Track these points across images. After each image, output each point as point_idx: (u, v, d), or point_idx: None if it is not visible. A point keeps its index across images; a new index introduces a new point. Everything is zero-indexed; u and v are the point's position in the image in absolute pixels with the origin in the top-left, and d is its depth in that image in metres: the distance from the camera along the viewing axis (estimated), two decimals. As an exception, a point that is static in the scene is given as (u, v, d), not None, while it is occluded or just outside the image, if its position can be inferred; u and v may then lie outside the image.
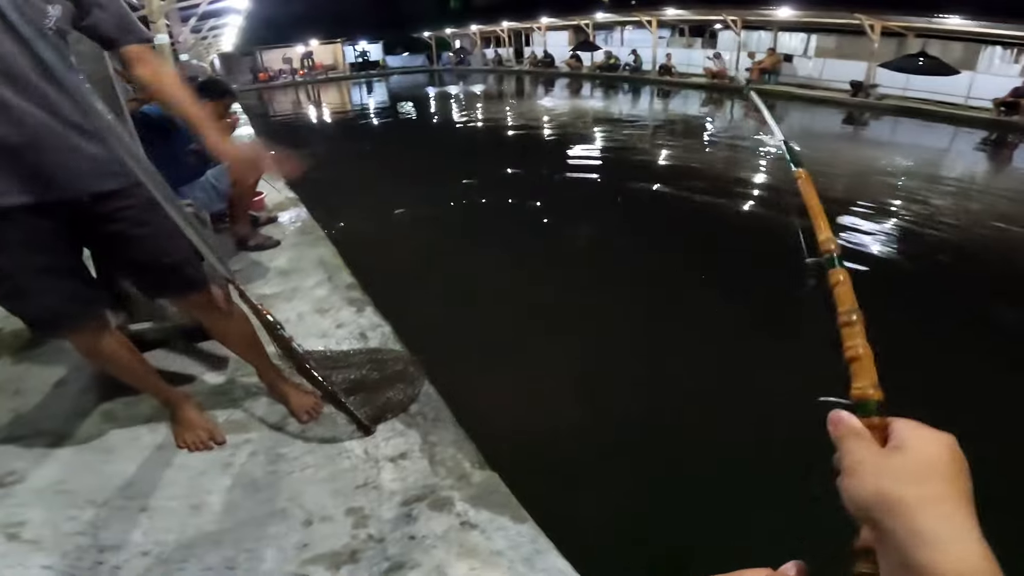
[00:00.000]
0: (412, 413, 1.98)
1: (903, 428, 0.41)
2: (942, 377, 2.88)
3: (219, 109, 3.35)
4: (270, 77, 28.99)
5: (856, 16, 13.50)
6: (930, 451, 0.39)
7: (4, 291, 1.48)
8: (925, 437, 0.40)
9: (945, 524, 0.35)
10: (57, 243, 1.46)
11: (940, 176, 7.45)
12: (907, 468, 0.38)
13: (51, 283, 1.48)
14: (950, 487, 0.37)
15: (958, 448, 0.39)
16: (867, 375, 0.45)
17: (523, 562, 1.43)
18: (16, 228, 1.38)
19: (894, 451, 0.40)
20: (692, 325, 3.45)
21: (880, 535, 0.37)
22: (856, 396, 0.44)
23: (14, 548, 1.52)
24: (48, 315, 1.53)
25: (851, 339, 0.48)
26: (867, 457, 0.40)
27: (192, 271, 1.68)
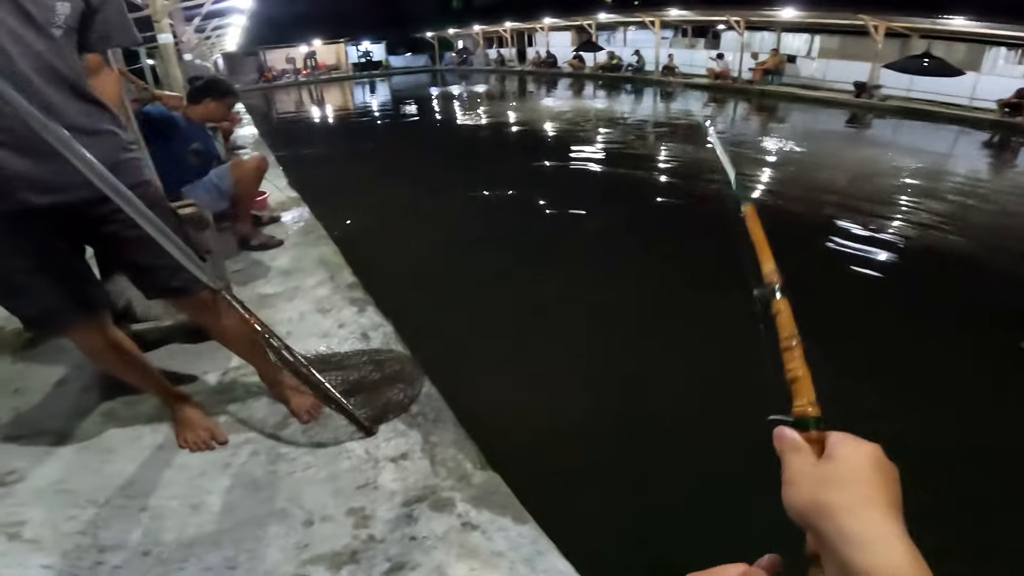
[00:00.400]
0: (413, 413, 1.97)
1: (834, 440, 0.45)
2: (939, 375, 2.88)
3: (222, 109, 3.36)
4: (273, 77, 29.05)
5: (860, 17, 13.47)
6: (856, 460, 0.42)
7: (1, 290, 1.48)
8: (852, 447, 0.43)
9: (870, 526, 0.38)
10: (54, 243, 1.46)
11: (943, 177, 7.42)
12: (835, 476, 0.42)
13: (48, 282, 1.47)
14: (874, 491, 0.40)
15: (883, 456, 0.43)
16: (805, 394, 0.49)
17: (524, 563, 1.42)
18: (14, 227, 1.37)
19: (825, 461, 0.43)
20: (694, 324, 3.43)
21: (819, 539, 0.40)
22: (796, 414, 0.49)
23: (14, 547, 1.51)
24: (44, 314, 1.52)
25: (791, 362, 0.52)
26: (803, 468, 0.44)
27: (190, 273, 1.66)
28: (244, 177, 3.31)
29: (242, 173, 3.31)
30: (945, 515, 1.98)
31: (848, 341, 3.20)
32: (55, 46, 1.31)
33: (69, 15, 1.31)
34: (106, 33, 1.42)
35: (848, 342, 3.19)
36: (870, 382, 2.81)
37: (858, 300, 3.91)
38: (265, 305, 2.75)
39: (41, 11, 1.27)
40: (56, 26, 1.30)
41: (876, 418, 2.49)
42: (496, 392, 2.78)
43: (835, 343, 3.20)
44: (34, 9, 1.25)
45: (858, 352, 3.14)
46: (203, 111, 3.30)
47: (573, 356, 3.20)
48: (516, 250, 4.92)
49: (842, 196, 6.29)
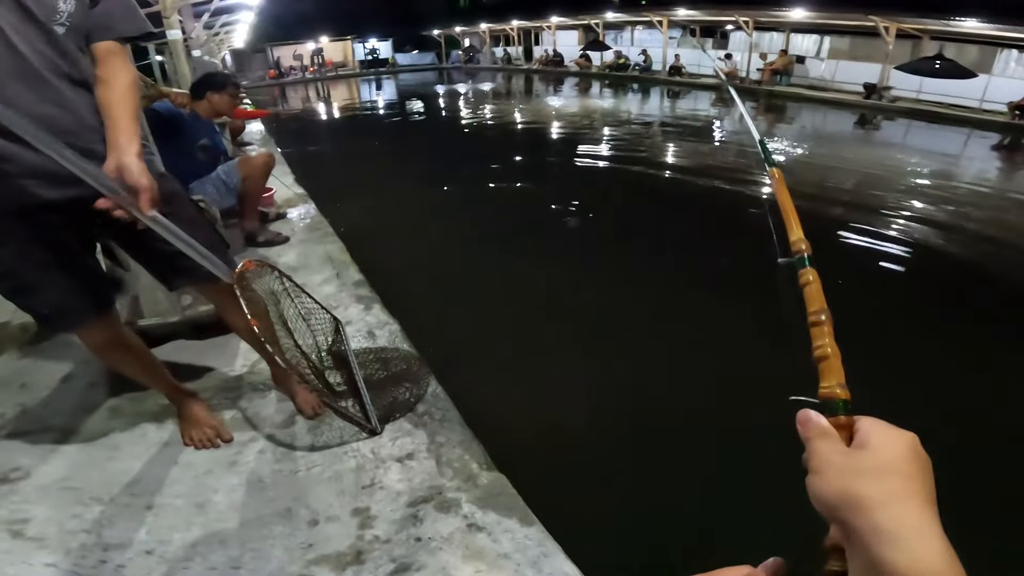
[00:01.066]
0: (419, 412, 1.96)
1: (867, 427, 0.42)
2: (941, 376, 2.85)
3: (225, 100, 3.33)
4: (280, 74, 29.11)
5: (871, 18, 13.38)
6: (892, 450, 0.39)
7: (11, 286, 1.47)
8: (887, 436, 0.40)
9: (906, 522, 0.35)
10: (65, 239, 1.45)
11: (952, 180, 7.35)
12: (869, 467, 0.39)
13: (59, 279, 1.47)
14: (911, 484, 0.37)
15: (920, 446, 0.40)
16: (834, 374, 0.46)
17: (530, 565, 1.41)
18: (28, 223, 1.37)
19: (857, 450, 0.40)
20: (701, 324, 3.42)
21: (846, 533, 0.38)
22: (824, 395, 0.45)
23: (18, 545, 1.51)
24: (55, 310, 1.52)
25: (819, 339, 0.48)
26: (832, 457, 0.40)
27: (218, 256, 1.65)
28: (252, 173, 3.31)
29: (250, 169, 3.30)
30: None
31: (856, 340, 3.16)
32: (59, 43, 1.30)
33: (73, 11, 1.30)
34: (108, 24, 1.40)
35: (856, 341, 3.16)
36: (875, 382, 2.78)
37: (865, 300, 3.88)
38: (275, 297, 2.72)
39: (42, 8, 1.26)
40: (59, 23, 1.29)
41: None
42: (502, 392, 2.76)
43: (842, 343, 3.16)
44: (34, 6, 1.24)
45: (862, 351, 3.11)
46: (208, 105, 3.30)
47: (580, 356, 3.18)
48: (523, 249, 4.90)
49: (850, 197, 6.25)
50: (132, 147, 1.30)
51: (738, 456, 2.26)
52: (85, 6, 1.34)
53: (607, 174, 7.70)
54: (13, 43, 1.23)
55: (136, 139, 1.33)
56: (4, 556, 1.47)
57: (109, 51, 1.39)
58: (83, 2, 1.33)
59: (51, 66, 1.29)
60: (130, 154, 1.28)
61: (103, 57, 1.38)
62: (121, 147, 1.29)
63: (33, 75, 1.27)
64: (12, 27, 1.22)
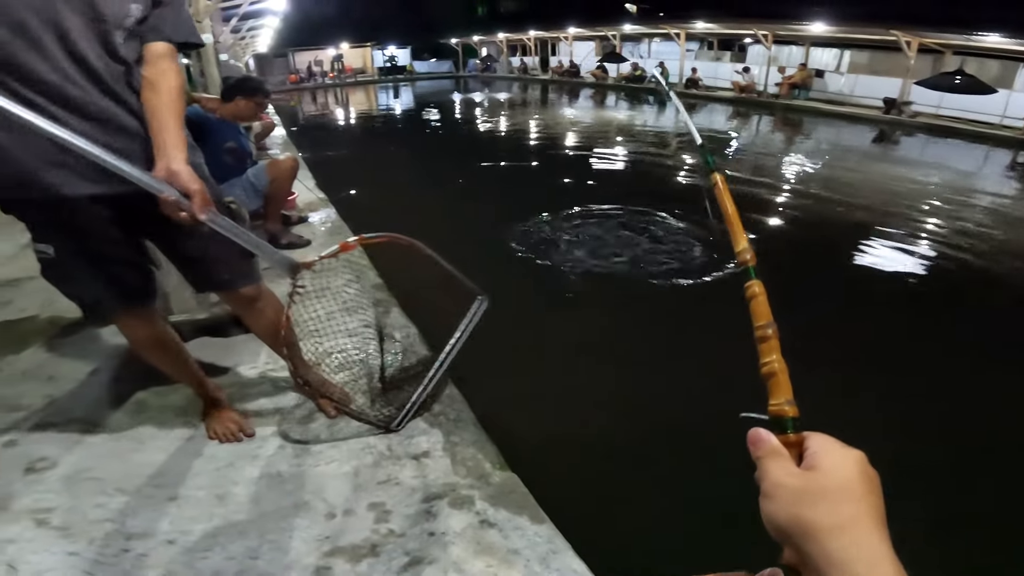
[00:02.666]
0: (435, 413, 2.01)
1: (816, 446, 0.41)
2: (956, 391, 2.84)
3: (251, 107, 3.41)
4: (300, 79, 29.54)
5: (892, 32, 13.30)
6: (841, 471, 0.39)
7: (61, 274, 1.53)
8: (836, 456, 0.40)
9: (858, 549, 0.35)
10: (115, 231, 1.50)
11: (968, 197, 7.27)
12: (820, 490, 0.38)
13: (106, 269, 1.52)
14: (861, 507, 0.37)
15: (868, 465, 0.39)
16: (783, 391, 0.45)
17: (539, 561, 1.44)
18: (79, 215, 1.42)
19: (808, 473, 0.39)
20: (710, 327, 3.43)
21: (801, 559, 0.37)
22: (773, 413, 0.44)
23: (41, 534, 1.55)
24: (100, 299, 1.57)
25: (767, 354, 0.47)
26: (783, 480, 0.40)
27: (244, 266, 1.71)
28: (279, 176, 3.38)
29: (278, 172, 3.38)
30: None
31: (870, 355, 3.17)
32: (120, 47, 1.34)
33: (140, 16, 1.35)
34: (161, 26, 1.42)
35: (869, 356, 3.17)
36: (887, 396, 2.79)
37: (881, 318, 3.86)
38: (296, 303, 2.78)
39: (113, 10, 1.30)
40: (125, 28, 1.34)
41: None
42: (515, 394, 2.80)
43: (856, 356, 3.18)
44: (106, 8, 1.29)
45: (875, 366, 3.11)
46: (234, 109, 3.36)
47: (592, 361, 3.21)
48: (538, 254, 4.94)
49: (868, 214, 6.21)
50: (180, 152, 1.34)
51: (747, 461, 2.28)
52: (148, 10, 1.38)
53: (624, 184, 7.73)
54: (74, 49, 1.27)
55: (183, 144, 1.37)
56: (28, 544, 1.51)
57: (160, 53, 1.41)
58: (148, 7, 1.37)
59: (111, 71, 1.34)
60: (179, 160, 1.32)
61: (153, 58, 1.40)
62: (169, 153, 1.32)
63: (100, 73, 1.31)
64: (76, 31, 1.27)
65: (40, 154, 1.31)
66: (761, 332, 0.48)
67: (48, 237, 1.46)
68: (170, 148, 1.33)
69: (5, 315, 2.84)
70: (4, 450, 1.87)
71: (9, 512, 1.61)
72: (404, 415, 1.92)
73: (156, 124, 1.35)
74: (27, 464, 1.80)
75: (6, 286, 3.19)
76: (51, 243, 1.46)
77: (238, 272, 1.70)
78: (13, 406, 2.10)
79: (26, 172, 1.33)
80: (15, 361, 2.41)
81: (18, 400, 2.13)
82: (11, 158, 1.32)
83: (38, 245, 1.48)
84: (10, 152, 1.31)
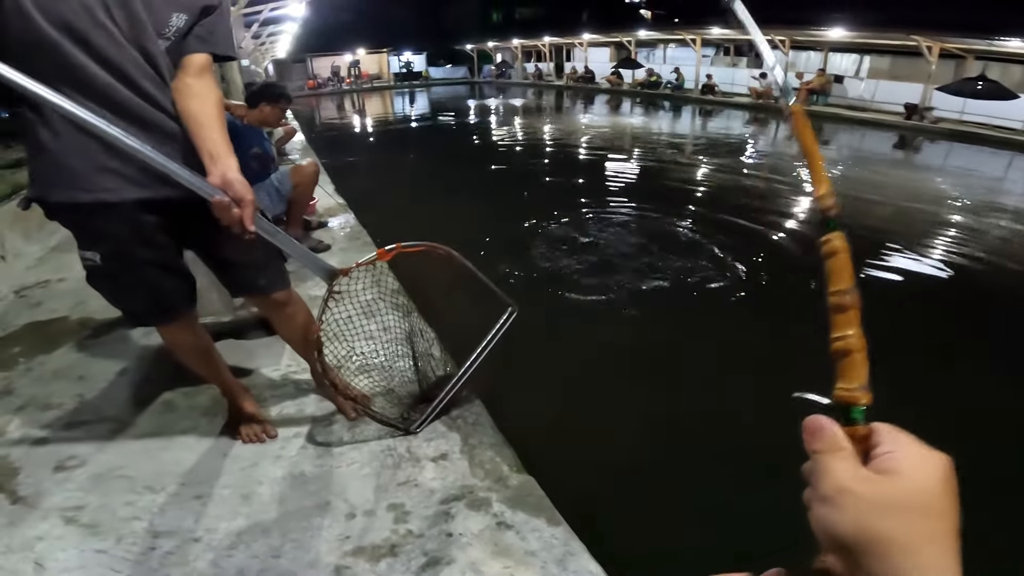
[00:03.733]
0: (453, 416, 2.03)
1: (892, 443, 0.35)
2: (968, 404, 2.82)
3: (276, 113, 3.47)
4: (318, 85, 29.92)
5: (913, 37, 13.16)
6: (924, 479, 0.33)
7: (109, 282, 1.55)
8: (919, 461, 0.34)
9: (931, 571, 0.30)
10: (161, 237, 1.53)
11: (992, 204, 7.16)
12: (898, 501, 0.32)
13: (152, 276, 1.55)
14: (942, 524, 0.32)
15: (952, 474, 0.33)
16: (857, 374, 0.38)
17: (556, 563, 1.46)
18: (126, 221, 1.44)
19: (883, 477, 0.33)
20: (730, 336, 3.43)
21: (852, 570, 0.32)
22: (841, 398, 0.37)
23: (71, 531, 1.59)
24: (147, 308, 1.61)
25: (843, 327, 0.39)
26: (850, 484, 0.33)
27: (278, 271, 1.76)
28: (303, 181, 3.44)
29: (301, 177, 3.44)
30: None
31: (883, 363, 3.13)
32: (161, 56, 1.39)
33: (182, 27, 1.40)
34: (209, 39, 1.46)
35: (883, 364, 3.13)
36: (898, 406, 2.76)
37: (899, 326, 3.83)
38: (314, 306, 2.82)
39: (156, 20, 1.35)
40: (165, 37, 1.38)
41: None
42: (533, 399, 2.82)
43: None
44: (148, 17, 1.34)
45: (887, 374, 3.08)
46: (258, 115, 3.42)
47: (611, 368, 3.23)
48: (555, 258, 4.96)
49: (888, 221, 6.15)
50: (232, 161, 1.39)
51: (765, 463, 2.28)
52: (191, 24, 1.42)
53: (641, 191, 7.74)
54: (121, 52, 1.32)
55: (232, 153, 1.41)
56: (57, 542, 1.54)
57: (204, 66, 1.46)
58: (190, 22, 1.42)
59: (150, 75, 1.38)
60: (233, 169, 1.37)
61: (198, 70, 1.44)
62: (224, 161, 1.37)
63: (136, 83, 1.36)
64: (122, 35, 1.32)
65: (88, 158, 1.36)
66: (838, 299, 0.40)
67: (95, 244, 1.48)
68: (224, 157, 1.38)
69: (35, 316, 2.93)
70: (34, 448, 1.93)
71: (39, 510, 1.66)
72: (425, 418, 1.95)
73: (206, 133, 1.39)
74: (57, 462, 1.85)
75: (36, 288, 3.29)
76: (97, 250, 1.48)
77: (272, 277, 1.75)
78: (44, 405, 2.16)
79: (74, 177, 1.37)
80: (46, 361, 2.48)
81: (49, 399, 2.20)
82: (59, 163, 1.36)
83: (84, 252, 1.49)
84: (58, 157, 1.35)
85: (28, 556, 1.50)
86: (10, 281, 3.38)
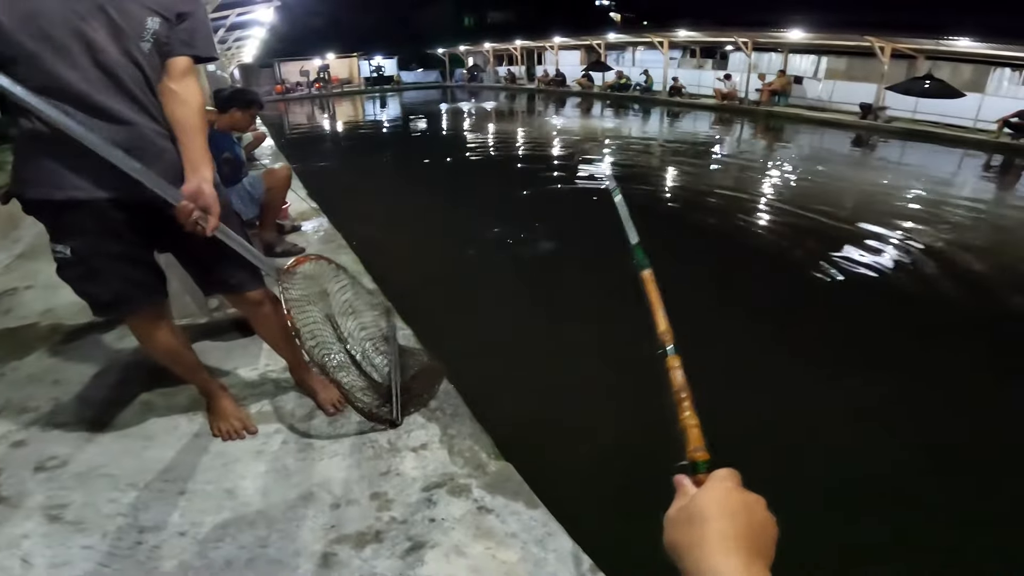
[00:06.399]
0: (432, 408, 2.09)
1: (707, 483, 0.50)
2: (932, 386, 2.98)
3: (246, 118, 3.48)
4: (286, 89, 29.52)
5: (867, 38, 13.62)
6: (701, 500, 0.47)
7: (78, 273, 1.59)
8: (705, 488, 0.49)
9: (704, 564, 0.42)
10: (130, 233, 1.57)
11: (943, 200, 7.49)
12: (684, 517, 0.47)
13: (120, 268, 1.59)
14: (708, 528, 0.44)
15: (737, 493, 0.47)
16: (697, 440, 0.57)
17: (535, 543, 1.53)
18: (97, 217, 1.49)
19: (682, 504, 0.48)
20: (702, 325, 3.55)
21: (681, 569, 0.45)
22: (690, 458, 0.56)
23: (56, 529, 1.60)
24: (113, 298, 1.63)
25: (683, 412, 0.60)
26: (669, 511, 0.50)
27: (248, 271, 1.80)
28: (275, 185, 3.45)
29: (273, 181, 3.45)
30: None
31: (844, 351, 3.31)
32: (144, 58, 1.43)
33: (157, 30, 1.44)
34: (191, 41, 1.50)
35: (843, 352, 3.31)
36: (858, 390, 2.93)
37: (856, 319, 4.01)
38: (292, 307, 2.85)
39: (131, 25, 1.39)
40: (145, 40, 1.42)
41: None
42: (507, 389, 2.91)
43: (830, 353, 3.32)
44: (123, 22, 1.38)
45: (858, 364, 3.25)
46: (229, 120, 3.41)
47: (580, 355, 3.34)
48: (523, 257, 5.07)
49: (845, 217, 6.39)
50: (208, 172, 1.46)
51: (737, 450, 2.39)
52: (171, 25, 1.46)
53: (600, 191, 7.87)
54: (100, 58, 1.37)
55: (210, 163, 1.48)
56: (42, 540, 1.55)
57: (187, 69, 1.50)
58: (169, 22, 1.46)
59: (131, 79, 1.43)
60: (208, 180, 1.45)
61: (181, 74, 1.49)
62: (200, 172, 1.44)
63: (116, 87, 1.41)
64: (101, 42, 1.36)
65: (63, 159, 1.40)
66: (677, 396, 0.62)
67: (66, 238, 1.52)
68: (202, 167, 1.46)
69: (6, 323, 2.89)
70: (14, 450, 1.92)
71: (22, 509, 1.66)
72: (396, 410, 2.00)
73: (187, 140, 1.47)
74: (37, 463, 1.85)
75: (4, 295, 3.23)
76: (68, 244, 1.52)
77: (243, 277, 1.79)
78: (21, 408, 2.15)
79: (49, 175, 1.42)
80: (20, 366, 2.46)
81: (25, 403, 2.19)
82: (36, 162, 1.41)
83: (55, 246, 1.54)
84: (36, 156, 1.40)
85: (14, 553, 1.51)
86: (-24, 290, 3.32)
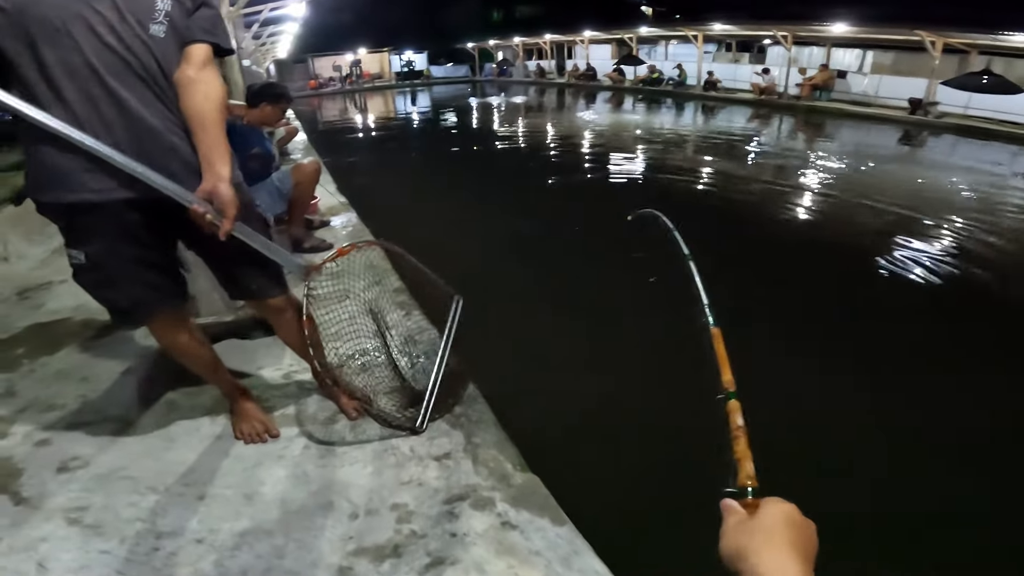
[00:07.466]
0: (456, 414, 2.02)
1: (763, 504, 0.58)
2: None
3: (276, 112, 3.46)
4: (320, 85, 29.93)
5: (917, 32, 13.09)
6: (770, 515, 0.55)
7: (93, 279, 1.55)
8: (772, 506, 0.57)
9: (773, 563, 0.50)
10: (147, 236, 1.52)
11: (1003, 200, 7.11)
12: (751, 528, 0.55)
13: (138, 273, 1.55)
14: (781, 537, 0.52)
15: (797, 514, 0.56)
16: (747, 470, 0.63)
17: (560, 562, 1.45)
18: (112, 220, 1.44)
19: (747, 520, 0.56)
20: (742, 334, 3.41)
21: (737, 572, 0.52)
22: (739, 485, 0.63)
23: (75, 532, 1.58)
24: (131, 303, 1.60)
25: (736, 446, 0.67)
26: (730, 523, 0.57)
27: (271, 277, 1.75)
28: (304, 180, 3.43)
29: (302, 176, 3.43)
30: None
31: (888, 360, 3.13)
32: (158, 44, 1.38)
33: (171, 10, 1.38)
34: (209, 28, 1.44)
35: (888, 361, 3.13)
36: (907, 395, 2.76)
37: (904, 324, 3.81)
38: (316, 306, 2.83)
39: (138, 7, 1.34)
40: (156, 21, 1.36)
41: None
42: (536, 396, 2.81)
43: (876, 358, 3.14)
44: (129, 4, 1.33)
45: (893, 370, 3.07)
46: (259, 115, 3.40)
47: (612, 362, 3.22)
48: (556, 257, 4.96)
49: (892, 216, 6.12)
50: (227, 171, 1.38)
51: (777, 465, 2.27)
52: (185, 9, 1.41)
53: (640, 190, 7.72)
54: (108, 41, 1.31)
55: (229, 161, 1.41)
56: (60, 543, 1.54)
57: (207, 58, 1.44)
58: (183, 5, 1.40)
59: (142, 65, 1.37)
60: (224, 179, 1.37)
61: (201, 63, 1.42)
62: (215, 169, 1.37)
63: (125, 73, 1.35)
64: (108, 25, 1.31)
65: (75, 159, 1.35)
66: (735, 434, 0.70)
67: (80, 243, 1.48)
68: (219, 165, 1.38)
69: (38, 318, 2.92)
70: (38, 449, 1.92)
71: (42, 510, 1.65)
72: (423, 416, 1.94)
73: (204, 135, 1.40)
74: (60, 463, 1.84)
75: (38, 289, 3.29)
76: (83, 248, 1.48)
77: (264, 283, 1.74)
78: (47, 406, 2.16)
79: (61, 177, 1.37)
80: (49, 362, 2.48)
81: (52, 400, 2.19)
82: (48, 164, 1.37)
83: (70, 251, 1.50)
84: (47, 158, 1.36)
85: (31, 557, 1.49)
86: (13, 282, 3.38)
